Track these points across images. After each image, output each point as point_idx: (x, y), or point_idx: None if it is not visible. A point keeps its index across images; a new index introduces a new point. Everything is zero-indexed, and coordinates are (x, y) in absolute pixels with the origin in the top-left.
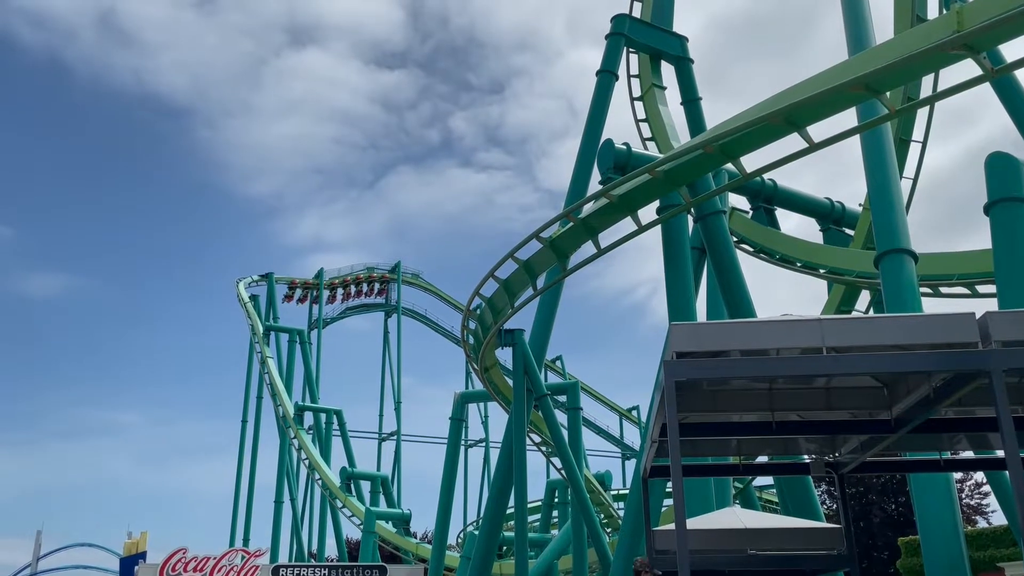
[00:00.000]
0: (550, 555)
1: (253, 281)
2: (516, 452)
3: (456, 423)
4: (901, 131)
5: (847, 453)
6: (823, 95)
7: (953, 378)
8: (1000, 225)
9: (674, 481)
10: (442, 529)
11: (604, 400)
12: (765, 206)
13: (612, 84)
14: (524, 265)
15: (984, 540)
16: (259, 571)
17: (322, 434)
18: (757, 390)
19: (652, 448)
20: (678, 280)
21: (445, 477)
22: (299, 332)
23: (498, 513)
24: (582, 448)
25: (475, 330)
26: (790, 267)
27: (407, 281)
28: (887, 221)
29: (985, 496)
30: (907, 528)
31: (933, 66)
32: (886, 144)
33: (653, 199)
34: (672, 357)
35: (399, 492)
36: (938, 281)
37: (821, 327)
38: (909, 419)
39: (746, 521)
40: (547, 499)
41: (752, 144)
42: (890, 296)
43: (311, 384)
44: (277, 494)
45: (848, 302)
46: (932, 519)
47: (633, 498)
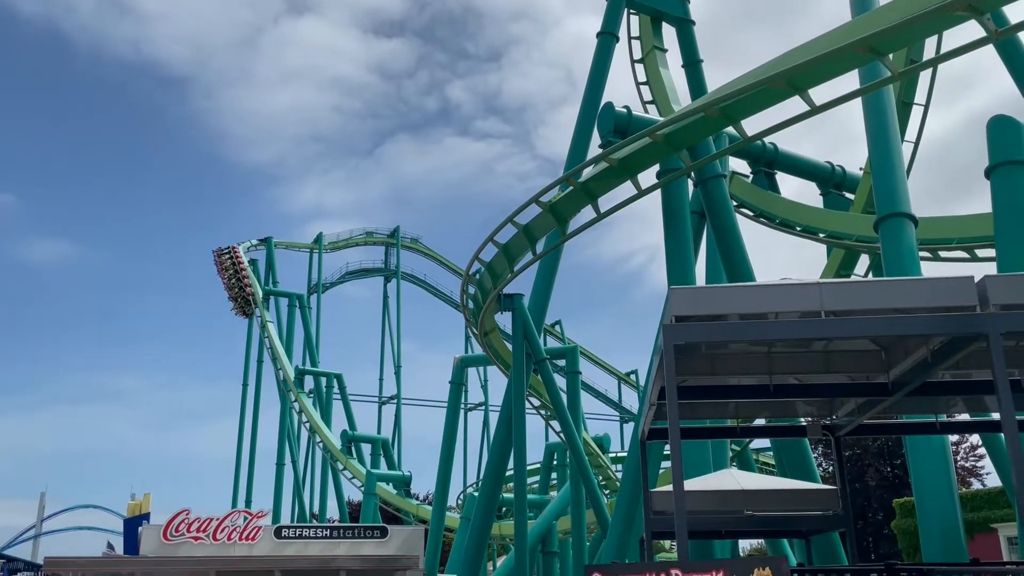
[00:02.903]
0: (549, 516)
1: (252, 246)
2: (515, 415)
3: (456, 387)
4: (903, 94)
5: (844, 416)
6: (826, 57)
7: (951, 341)
8: (1001, 188)
9: (672, 443)
10: (442, 491)
11: (603, 364)
12: (765, 170)
13: (612, 46)
14: (524, 229)
15: (978, 502)
16: (261, 532)
17: (322, 398)
18: (755, 353)
19: (650, 411)
20: (678, 244)
21: (445, 440)
22: (299, 297)
23: (498, 475)
24: (581, 411)
25: (475, 295)
26: (790, 231)
27: (406, 246)
28: (888, 185)
29: (980, 459)
30: (902, 490)
31: (937, 27)
32: (888, 107)
33: (653, 163)
34: (671, 321)
35: (399, 455)
36: (937, 245)
37: (820, 291)
38: (906, 382)
39: (743, 483)
40: (546, 461)
41: (754, 107)
42: (889, 260)
43: (311, 348)
44: (279, 457)
45: (847, 266)
46: (927, 481)
47: (631, 460)
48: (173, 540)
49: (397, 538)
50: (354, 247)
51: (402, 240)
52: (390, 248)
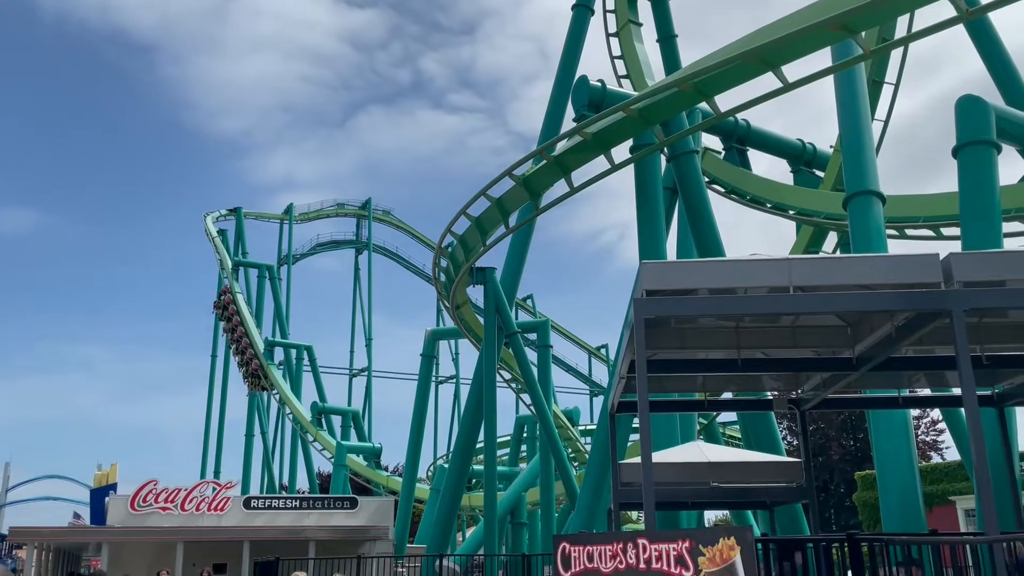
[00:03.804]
0: (518, 488)
1: (221, 215)
2: (486, 388)
3: (427, 360)
4: (874, 73)
5: (809, 390)
6: (799, 34)
7: (915, 317)
8: (968, 168)
9: (641, 416)
10: (412, 462)
11: (574, 338)
12: (737, 147)
13: (588, 18)
14: (496, 203)
15: (937, 475)
16: (230, 502)
17: (292, 369)
18: (724, 328)
19: (620, 384)
20: (649, 219)
21: (416, 412)
22: (268, 268)
23: (468, 447)
24: (551, 385)
25: (447, 268)
26: (760, 208)
27: (378, 218)
28: (857, 163)
29: (941, 433)
30: (864, 463)
31: (910, 6)
32: (859, 85)
33: (627, 137)
34: (642, 295)
35: (370, 427)
36: (904, 223)
37: (788, 267)
38: (871, 357)
39: (709, 455)
40: (516, 434)
41: (727, 83)
42: (857, 237)
43: (281, 320)
44: (248, 428)
45: (816, 243)
46: (888, 454)
47: (600, 433)
48: (141, 510)
49: (367, 509)
50: (325, 219)
51: (374, 212)
52: (361, 220)
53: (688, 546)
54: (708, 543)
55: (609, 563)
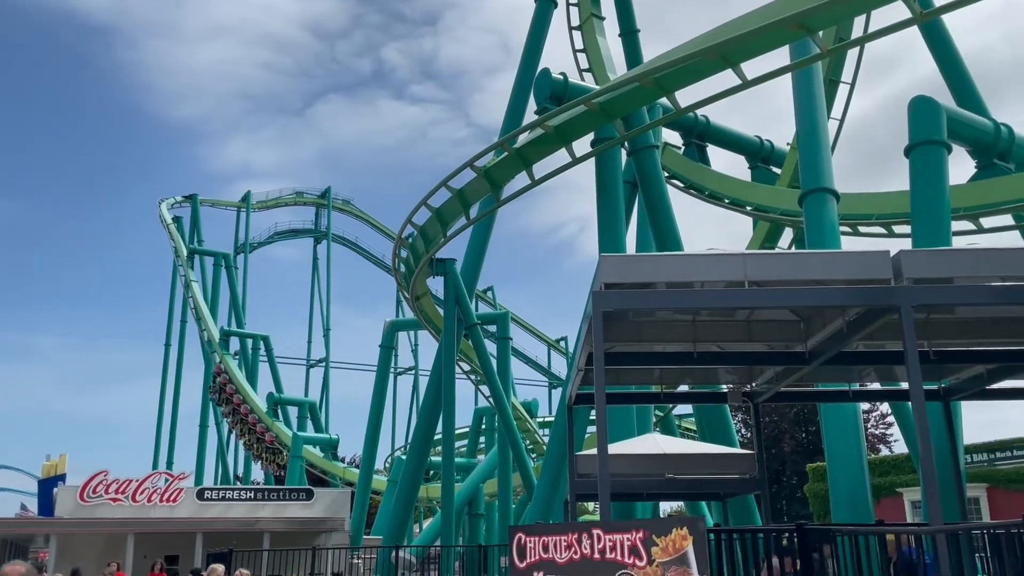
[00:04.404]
0: (476, 479)
1: (176, 202)
2: (445, 380)
3: (386, 351)
4: (831, 72)
5: (763, 383)
6: (758, 32)
7: (866, 312)
8: (919, 167)
9: (598, 408)
10: (370, 454)
11: (533, 331)
12: (697, 142)
13: (550, 11)
14: (458, 194)
15: (885, 467)
16: (183, 494)
17: (248, 360)
18: (681, 321)
19: (578, 376)
20: (609, 213)
21: (374, 403)
22: (225, 256)
23: (426, 438)
24: (510, 377)
25: (407, 259)
26: (718, 203)
27: (338, 208)
28: (813, 160)
29: (889, 426)
30: (816, 455)
31: (866, 6)
32: (816, 84)
33: (588, 131)
34: (600, 288)
35: (327, 418)
36: (858, 220)
37: (744, 261)
38: (822, 351)
39: (665, 447)
40: (475, 425)
41: (687, 79)
42: (812, 233)
43: (237, 309)
44: (202, 418)
45: (772, 239)
46: (838, 447)
47: (558, 424)
48: (90, 501)
49: (323, 500)
50: (283, 207)
51: (334, 202)
52: (321, 209)
53: (642, 536)
54: (661, 533)
55: (564, 553)
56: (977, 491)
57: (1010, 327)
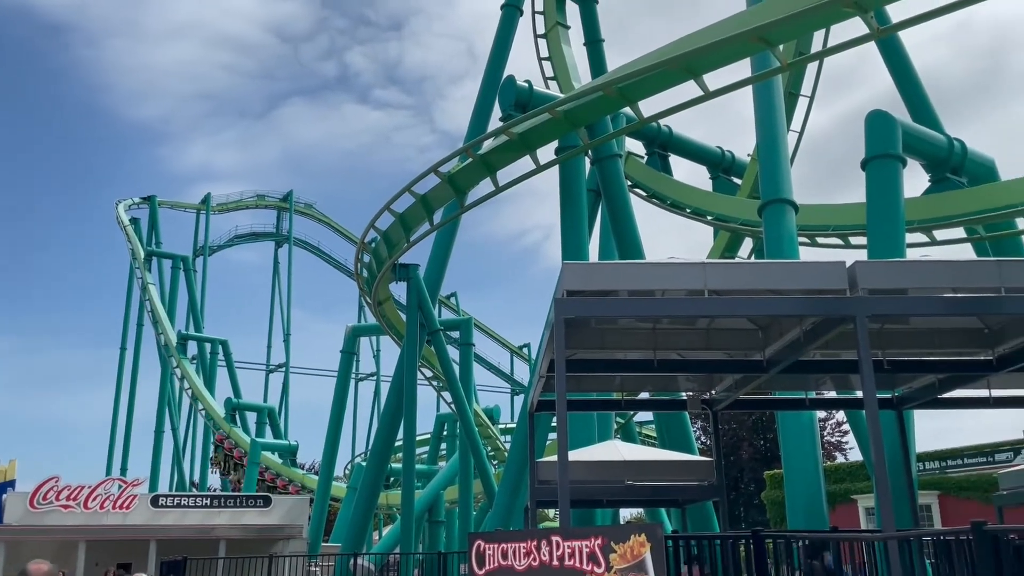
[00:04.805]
0: (437, 486)
1: (134, 204)
2: (407, 385)
3: (347, 356)
4: (791, 86)
5: (722, 391)
6: (720, 44)
7: (822, 322)
8: (875, 180)
9: (559, 414)
10: (329, 460)
11: (496, 337)
12: (660, 152)
13: (516, 18)
14: (421, 199)
15: (841, 474)
16: (137, 500)
17: (206, 364)
18: (642, 329)
19: (540, 383)
20: (573, 220)
21: (334, 409)
22: (183, 259)
23: (387, 445)
24: (472, 383)
25: (369, 263)
26: (680, 213)
27: (300, 211)
28: (772, 172)
29: (845, 434)
30: (773, 463)
31: (825, 21)
32: (776, 97)
33: (552, 139)
34: (563, 295)
35: (286, 424)
36: (815, 231)
37: (704, 270)
38: (780, 360)
39: (625, 454)
40: (436, 432)
41: (651, 89)
42: (771, 244)
43: (195, 313)
44: (158, 424)
45: (732, 248)
46: (795, 454)
47: (520, 431)
48: (40, 508)
49: (280, 507)
50: (244, 210)
51: (296, 205)
52: (282, 213)
53: (600, 543)
54: (620, 540)
55: (523, 560)
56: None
57: (961, 338)
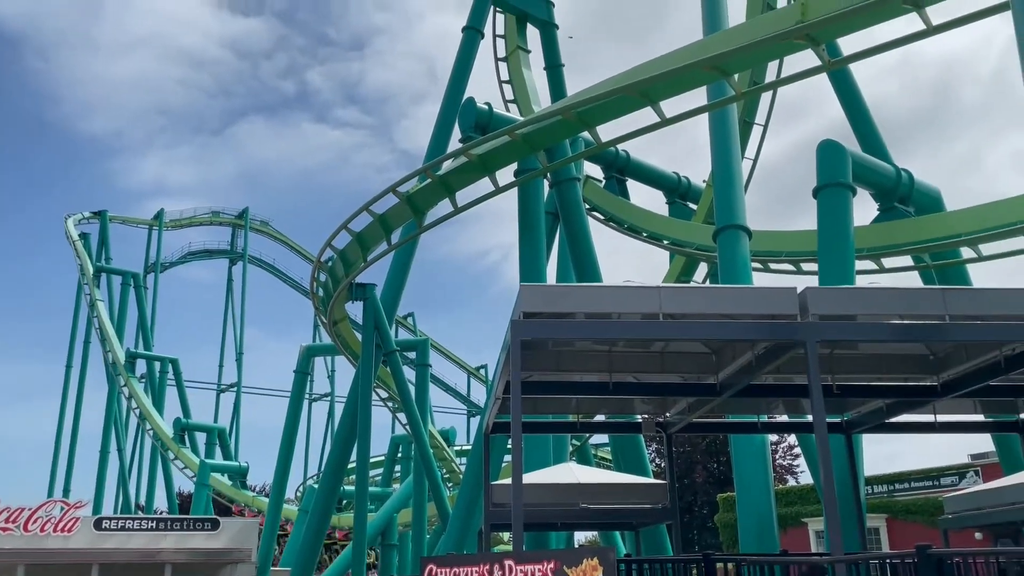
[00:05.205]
0: (390, 508)
1: (84, 218)
2: (361, 407)
3: (300, 376)
4: (745, 114)
5: (676, 414)
6: (677, 72)
7: (773, 346)
8: (826, 208)
9: (514, 437)
10: (280, 482)
11: (454, 358)
12: (617, 176)
13: (477, 41)
14: (380, 219)
15: (792, 497)
16: (79, 523)
17: (155, 383)
18: (598, 352)
19: (496, 405)
20: (531, 243)
21: (286, 430)
22: (134, 275)
23: (340, 467)
24: (428, 404)
25: (325, 282)
26: (637, 236)
27: (255, 229)
28: (727, 198)
29: (796, 457)
30: (726, 486)
31: (778, 53)
32: (731, 124)
33: (511, 161)
34: (520, 317)
35: (237, 445)
36: (768, 257)
37: (659, 294)
38: (733, 384)
39: (580, 476)
40: (390, 454)
41: (609, 114)
42: (725, 269)
43: (145, 330)
44: (103, 444)
45: (688, 272)
46: (747, 477)
47: (475, 453)
48: None
49: (229, 530)
50: (198, 226)
51: (251, 223)
52: (237, 230)
53: (553, 567)
54: (572, 564)
55: None
56: (877, 521)
57: (908, 364)
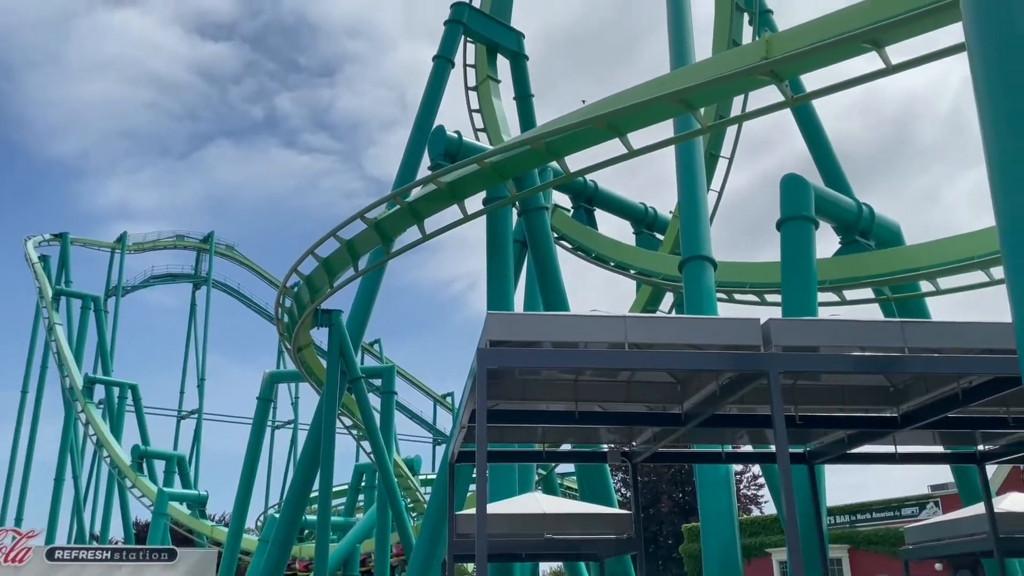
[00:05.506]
0: (353, 538)
1: (45, 240)
2: (325, 434)
3: (263, 403)
4: (711, 147)
5: (641, 443)
6: (644, 105)
7: (737, 377)
8: (789, 240)
9: (478, 467)
10: (241, 511)
11: (420, 385)
12: (586, 206)
13: (447, 70)
14: (347, 245)
15: (756, 528)
16: (32, 553)
17: (114, 409)
18: (565, 381)
19: (461, 433)
20: (499, 270)
21: (248, 458)
22: (94, 299)
23: (302, 496)
24: (393, 432)
25: (290, 308)
26: (604, 266)
27: (220, 253)
28: (693, 229)
29: (760, 487)
30: (692, 516)
31: (743, 88)
32: (697, 157)
33: (480, 189)
34: (486, 345)
35: (196, 473)
36: (733, 288)
37: (624, 324)
38: (698, 414)
39: (545, 506)
40: (354, 483)
41: (577, 145)
42: (690, 299)
43: (104, 355)
44: (58, 471)
45: (654, 302)
46: (711, 507)
47: (440, 483)
48: None
49: (186, 561)
50: (162, 250)
51: (216, 247)
52: (202, 254)
53: None
54: None
55: None
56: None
57: (869, 395)
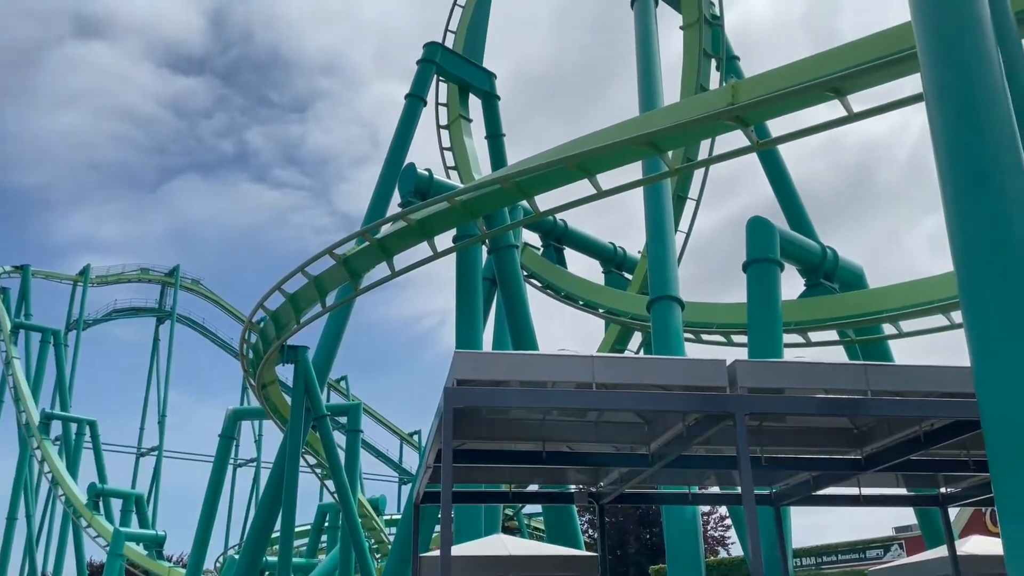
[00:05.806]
0: None
1: (5, 272)
2: (288, 473)
3: (226, 441)
4: (679, 189)
5: (608, 484)
6: (613, 147)
7: (704, 418)
8: (755, 282)
9: (443, 508)
10: (199, 552)
11: (386, 423)
12: (555, 244)
13: (419, 109)
14: (315, 281)
15: (723, 569)
16: None
17: (71, 446)
18: (532, 420)
19: (427, 473)
20: (468, 308)
21: (208, 497)
22: (55, 332)
23: (263, 536)
24: (359, 471)
25: (256, 344)
26: (573, 304)
27: (186, 287)
28: (660, 269)
29: (727, 528)
30: (659, 557)
31: (709, 132)
32: (665, 199)
33: (450, 227)
34: (453, 384)
35: (155, 512)
36: (700, 328)
37: (592, 363)
38: (665, 454)
39: (510, 548)
40: (317, 523)
41: (547, 185)
42: (658, 339)
43: (63, 390)
44: (11, 510)
45: (623, 341)
46: (678, 549)
47: (404, 524)
48: None
49: None
50: (126, 283)
51: (182, 281)
52: (167, 288)
53: None
54: None
55: None
56: None
57: (833, 437)
